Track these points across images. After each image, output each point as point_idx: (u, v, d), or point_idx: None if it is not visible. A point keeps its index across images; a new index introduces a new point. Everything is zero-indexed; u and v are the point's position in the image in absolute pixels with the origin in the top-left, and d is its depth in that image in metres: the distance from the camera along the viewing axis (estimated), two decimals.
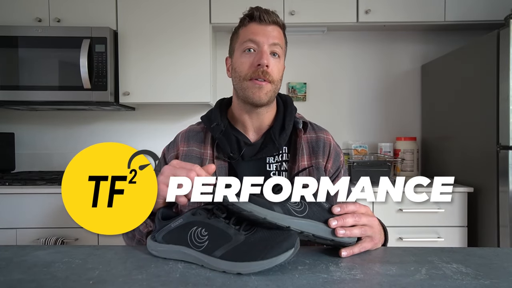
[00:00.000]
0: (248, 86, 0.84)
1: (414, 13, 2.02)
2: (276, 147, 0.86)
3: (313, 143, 0.91)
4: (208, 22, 2.00)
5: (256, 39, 0.83)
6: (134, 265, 0.59)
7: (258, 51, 0.84)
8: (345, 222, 0.62)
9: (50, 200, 1.70)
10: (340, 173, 0.92)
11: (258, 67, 0.82)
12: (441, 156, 2.07)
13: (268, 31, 0.84)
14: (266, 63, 0.82)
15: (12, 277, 0.53)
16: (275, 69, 0.85)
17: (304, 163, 0.88)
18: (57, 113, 2.30)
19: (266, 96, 0.84)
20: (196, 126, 0.96)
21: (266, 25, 0.85)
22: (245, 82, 0.84)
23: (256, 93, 0.83)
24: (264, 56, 0.82)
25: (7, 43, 1.89)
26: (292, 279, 0.52)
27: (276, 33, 0.86)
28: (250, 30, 0.85)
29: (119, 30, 1.99)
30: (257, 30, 0.84)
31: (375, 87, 2.35)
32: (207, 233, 0.59)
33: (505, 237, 1.54)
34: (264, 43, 0.83)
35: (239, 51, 0.86)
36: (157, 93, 2.02)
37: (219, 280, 0.52)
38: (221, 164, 0.87)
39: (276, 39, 0.85)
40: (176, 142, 0.94)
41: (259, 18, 0.84)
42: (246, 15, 0.87)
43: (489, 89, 1.61)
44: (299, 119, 0.92)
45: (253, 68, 0.83)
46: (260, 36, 0.84)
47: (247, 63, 0.84)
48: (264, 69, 0.82)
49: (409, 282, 0.51)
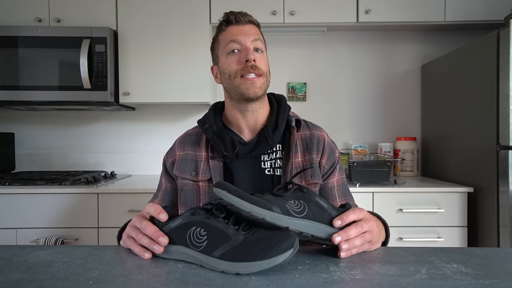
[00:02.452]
0: (240, 83, 0.85)
1: (414, 13, 2.02)
2: (270, 144, 0.88)
3: (307, 140, 0.93)
4: (208, 22, 2.00)
5: (238, 38, 0.86)
6: (134, 265, 0.59)
7: (242, 49, 0.86)
8: (349, 235, 0.62)
9: (50, 200, 1.70)
10: (335, 169, 0.93)
11: (246, 63, 0.84)
12: (441, 156, 2.07)
13: (246, 30, 0.87)
14: (253, 57, 0.84)
15: (12, 277, 0.53)
16: (263, 63, 0.87)
17: (298, 159, 0.90)
18: (57, 113, 2.31)
19: (260, 89, 0.86)
20: (192, 130, 0.99)
21: (244, 25, 0.88)
22: (236, 80, 0.86)
23: (250, 88, 0.85)
24: (250, 51, 0.85)
25: (7, 43, 1.89)
26: (292, 279, 0.52)
27: (254, 30, 0.89)
28: (229, 32, 0.88)
29: (119, 30, 1.99)
30: (236, 31, 0.87)
31: (375, 87, 2.35)
32: (206, 233, 0.59)
33: (505, 237, 1.54)
34: (246, 40, 0.86)
35: (224, 55, 0.88)
36: (157, 93, 2.02)
37: (219, 280, 0.52)
38: (216, 164, 0.88)
39: (256, 35, 0.88)
40: (173, 148, 0.97)
41: (236, 20, 0.88)
42: (222, 21, 0.90)
43: (489, 89, 1.61)
44: (292, 117, 0.93)
45: (241, 64, 0.85)
46: (240, 36, 0.86)
47: (234, 62, 0.86)
48: (252, 64, 0.84)
49: (409, 282, 0.51)
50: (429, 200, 1.73)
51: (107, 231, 1.72)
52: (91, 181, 1.83)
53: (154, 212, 0.64)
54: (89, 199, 1.71)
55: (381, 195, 1.74)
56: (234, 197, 0.58)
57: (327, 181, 0.92)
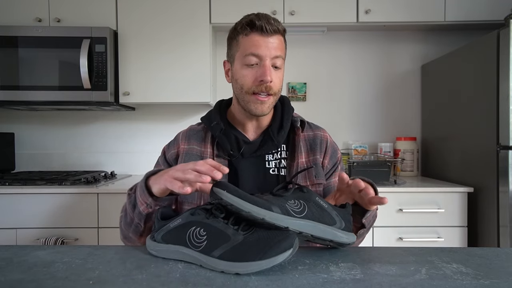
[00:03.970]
0: (250, 100, 0.84)
1: (414, 13, 2.02)
2: (275, 144, 0.88)
3: (310, 140, 0.93)
4: (208, 22, 2.00)
5: (258, 53, 0.81)
6: (134, 265, 0.59)
7: (260, 65, 0.82)
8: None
9: (50, 200, 1.70)
10: (337, 168, 0.95)
11: (261, 82, 0.82)
12: (441, 156, 2.07)
13: (270, 43, 0.82)
14: (269, 79, 0.81)
15: (12, 277, 0.53)
16: (277, 81, 0.85)
17: (303, 160, 0.90)
18: (57, 113, 2.30)
19: (268, 109, 0.86)
20: (197, 126, 0.98)
21: (268, 36, 0.82)
22: (248, 96, 0.84)
23: (258, 107, 0.84)
24: (267, 73, 0.81)
25: (7, 43, 1.89)
26: (292, 279, 0.52)
27: (278, 43, 0.83)
28: (251, 41, 0.82)
29: (119, 30, 1.99)
30: (259, 43, 0.81)
31: (375, 87, 2.35)
32: (206, 233, 0.59)
33: (505, 237, 1.54)
34: (267, 56, 0.81)
35: (240, 62, 0.84)
36: (157, 93, 2.02)
37: (219, 280, 0.52)
38: (221, 162, 0.88)
39: (278, 51, 0.83)
40: (177, 140, 0.96)
41: (261, 28, 0.81)
42: (247, 24, 0.83)
43: (489, 89, 1.61)
44: (296, 117, 0.94)
45: (256, 83, 0.83)
46: (262, 49, 0.81)
47: (250, 77, 0.83)
48: (267, 85, 0.82)
49: (409, 282, 0.51)
50: (429, 200, 1.73)
51: (107, 231, 1.71)
52: (91, 181, 1.83)
53: (215, 164, 0.64)
54: (89, 199, 1.71)
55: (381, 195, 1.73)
56: (234, 197, 0.58)
57: (329, 181, 0.93)
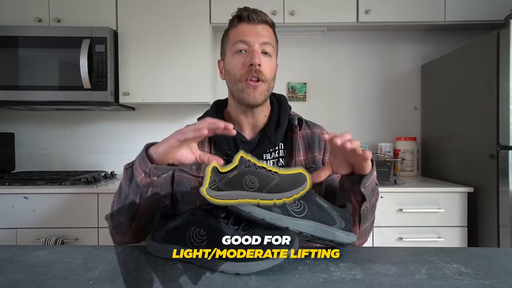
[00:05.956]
0: (243, 88, 0.85)
1: (414, 13, 2.02)
2: (273, 142, 0.88)
3: (308, 138, 0.93)
4: (208, 22, 2.00)
5: (246, 39, 0.84)
6: (134, 265, 0.59)
7: (249, 51, 0.84)
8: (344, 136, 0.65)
9: (50, 200, 1.70)
10: None
11: (250, 66, 0.83)
12: (441, 156, 2.07)
13: (258, 30, 0.85)
14: (258, 62, 0.83)
15: (12, 277, 0.53)
16: (268, 68, 0.86)
17: (301, 158, 0.90)
18: (57, 113, 2.30)
19: (260, 96, 0.85)
20: None
21: (256, 24, 0.86)
22: (240, 84, 0.85)
23: (251, 94, 0.84)
24: (256, 56, 0.83)
25: (7, 43, 1.89)
26: (292, 279, 0.52)
27: (266, 31, 0.87)
28: (239, 30, 0.86)
29: (119, 30, 1.99)
30: (246, 30, 0.85)
31: (375, 87, 2.34)
32: (206, 233, 0.59)
33: (505, 237, 1.54)
34: (255, 42, 0.84)
35: (231, 53, 0.87)
36: (157, 93, 2.02)
37: (219, 280, 0.52)
38: None
39: (266, 38, 0.86)
40: None
41: (248, 18, 0.85)
42: (234, 16, 0.87)
43: (489, 89, 1.61)
44: (294, 116, 0.94)
45: (246, 68, 0.84)
46: (250, 36, 0.84)
47: (239, 64, 0.85)
48: (256, 68, 0.83)
49: (409, 282, 0.51)
50: (429, 200, 1.73)
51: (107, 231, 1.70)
52: (91, 181, 1.83)
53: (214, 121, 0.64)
54: (89, 199, 1.71)
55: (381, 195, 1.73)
56: None
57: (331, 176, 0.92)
